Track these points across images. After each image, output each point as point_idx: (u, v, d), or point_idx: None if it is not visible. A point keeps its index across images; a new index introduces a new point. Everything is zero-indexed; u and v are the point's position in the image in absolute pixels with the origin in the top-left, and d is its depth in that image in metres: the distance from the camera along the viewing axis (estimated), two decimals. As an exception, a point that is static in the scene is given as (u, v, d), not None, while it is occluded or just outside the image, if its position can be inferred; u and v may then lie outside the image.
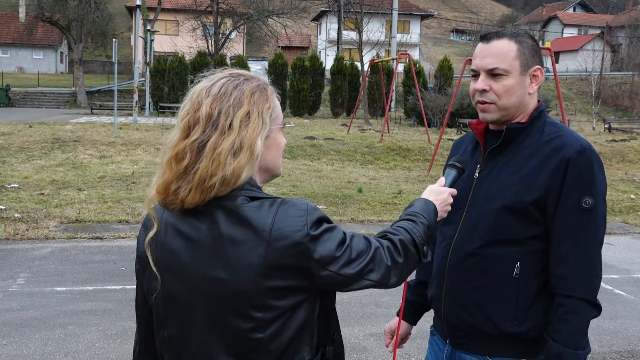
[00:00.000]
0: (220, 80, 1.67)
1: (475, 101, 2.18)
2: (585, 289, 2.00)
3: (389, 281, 1.67)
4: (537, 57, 2.14)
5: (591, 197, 2.00)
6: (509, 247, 2.07)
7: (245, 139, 1.59)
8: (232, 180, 1.57)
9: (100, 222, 9.80)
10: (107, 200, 11.24)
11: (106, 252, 8.25)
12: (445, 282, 2.21)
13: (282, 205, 1.58)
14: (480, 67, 2.12)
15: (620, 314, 6.56)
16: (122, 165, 15.07)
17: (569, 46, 64.85)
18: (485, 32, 2.24)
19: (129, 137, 19.79)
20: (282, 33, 46.37)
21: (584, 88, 48.41)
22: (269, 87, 1.72)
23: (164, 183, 1.62)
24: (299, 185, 13.69)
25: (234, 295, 1.57)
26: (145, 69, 34.18)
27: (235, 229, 1.56)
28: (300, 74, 36.40)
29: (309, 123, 30.42)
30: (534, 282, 2.07)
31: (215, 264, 1.58)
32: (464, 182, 2.20)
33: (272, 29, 43.60)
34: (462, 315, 2.16)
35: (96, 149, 17.27)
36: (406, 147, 20.25)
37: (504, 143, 2.15)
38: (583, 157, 2.02)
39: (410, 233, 1.75)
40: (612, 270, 8.26)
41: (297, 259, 1.55)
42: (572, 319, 1.99)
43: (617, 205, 13.21)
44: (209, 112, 1.60)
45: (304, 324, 1.62)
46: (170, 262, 1.65)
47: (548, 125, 2.15)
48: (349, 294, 6.72)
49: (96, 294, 6.58)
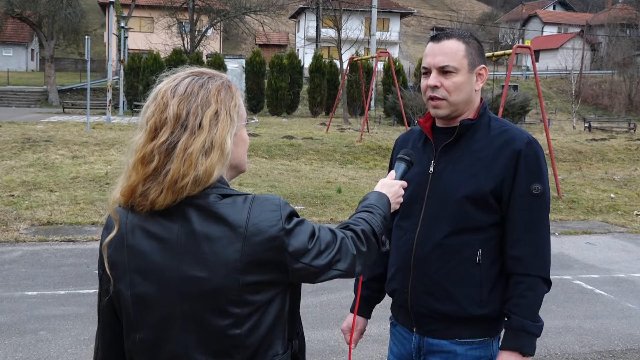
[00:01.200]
0: (184, 79, 1.68)
1: (426, 97, 2.34)
2: (540, 268, 2.25)
3: (355, 270, 1.74)
4: (482, 57, 2.35)
5: (539, 183, 2.25)
6: (471, 236, 2.26)
7: (216, 138, 1.61)
8: (204, 180, 1.59)
9: (72, 224, 9.70)
10: (80, 201, 11.13)
11: (79, 255, 8.16)
12: (411, 274, 2.36)
13: (255, 201, 1.62)
14: (432, 65, 2.29)
15: (600, 313, 6.63)
16: (95, 165, 14.94)
17: (549, 45, 65.51)
18: (435, 33, 2.41)
19: (102, 137, 19.62)
20: (260, 31, 46.26)
21: (564, 87, 48.97)
22: (232, 84, 1.74)
23: (129, 186, 1.63)
24: (277, 186, 13.67)
25: (212, 293, 1.59)
26: (119, 67, 33.96)
27: (210, 227, 1.59)
28: (278, 72, 36.38)
29: (287, 122, 30.41)
30: (493, 266, 2.29)
31: (190, 262, 1.60)
32: (419, 178, 2.36)
33: (249, 26, 43.47)
34: (431, 304, 2.32)
35: (68, 149, 17.10)
36: (386, 147, 20.31)
37: (456, 139, 2.32)
38: (531, 149, 2.25)
39: (369, 223, 1.83)
40: (592, 270, 8.35)
41: (273, 253, 1.59)
42: (530, 294, 2.22)
43: (597, 205, 13.35)
44: (177, 112, 1.61)
45: (277, 318, 1.67)
46: (140, 264, 1.64)
47: (493, 120, 2.36)
48: (328, 295, 6.72)
49: (68, 298, 6.51)
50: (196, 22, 41.74)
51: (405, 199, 2.31)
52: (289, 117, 35.75)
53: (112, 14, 35.56)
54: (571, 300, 7.01)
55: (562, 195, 13.98)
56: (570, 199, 13.83)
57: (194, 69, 1.74)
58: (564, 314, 6.55)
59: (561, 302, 6.90)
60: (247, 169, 1.82)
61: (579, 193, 14.75)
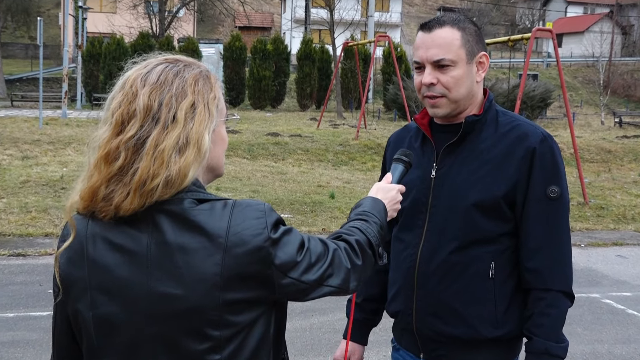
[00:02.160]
0: (157, 66, 1.68)
1: (422, 96, 2.34)
2: (561, 281, 2.26)
3: (350, 286, 1.73)
4: (481, 43, 2.34)
5: (557, 185, 2.26)
6: (481, 248, 2.28)
7: (192, 134, 1.61)
8: (177, 181, 1.58)
9: (22, 236, 9.67)
10: (31, 209, 11.10)
11: (30, 271, 8.14)
12: (415, 294, 2.37)
13: (236, 207, 1.62)
14: (426, 59, 2.29)
15: (633, 337, 6.67)
16: (49, 167, 14.89)
17: (573, 27, 65.85)
18: (425, 20, 2.41)
19: (57, 134, 19.56)
20: (240, 11, 46.25)
21: (590, 76, 49.23)
22: (212, 74, 1.75)
23: (90, 187, 1.61)
24: (261, 190, 13.67)
25: (187, 313, 1.58)
26: (77, 53, 33.87)
27: (184, 237, 1.58)
28: (261, 59, 36.35)
29: (272, 117, 30.41)
30: (509, 281, 2.30)
31: (162, 278, 1.59)
32: (420, 183, 2.37)
33: (227, 5, 43.45)
34: (439, 327, 2.33)
35: (17, 148, 17.03)
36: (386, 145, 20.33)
37: (460, 137, 2.33)
38: (546, 146, 2.26)
39: (364, 233, 1.83)
40: (624, 287, 8.40)
41: (257, 266, 1.59)
42: (553, 312, 2.23)
43: (630, 212, 13.43)
44: (148, 104, 1.61)
45: (261, 341, 1.66)
46: (103, 280, 1.63)
47: (501, 115, 2.38)
48: (319, 317, 6.73)
49: (18, 322, 6.49)
50: (166, 1, 41.68)
51: (405, 207, 2.33)
52: (274, 111, 35.75)
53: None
54: (600, 322, 7.05)
55: (589, 201, 14.05)
56: (598, 205, 13.90)
57: (168, 55, 1.74)
58: (592, 337, 6.59)
59: (588, 324, 6.93)
60: (225, 172, 1.82)
61: (608, 198, 14.83)
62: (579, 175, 14.39)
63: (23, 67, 47.90)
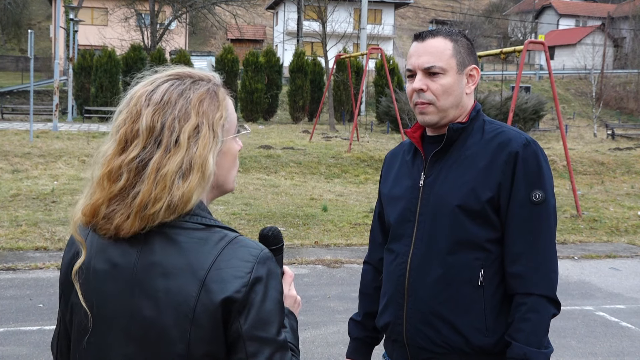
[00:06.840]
0: (163, 84, 1.64)
1: (413, 103, 2.41)
2: (544, 286, 2.27)
3: None
4: (472, 57, 2.42)
5: (540, 190, 2.29)
6: (471, 254, 2.31)
7: (195, 158, 1.57)
8: (179, 206, 1.55)
9: (12, 250, 9.62)
10: (22, 223, 11.06)
11: (20, 285, 8.10)
12: (406, 303, 2.39)
13: (231, 244, 1.56)
14: (417, 66, 2.37)
15: (627, 350, 6.68)
16: (40, 181, 14.86)
17: (565, 40, 66.23)
18: (419, 31, 2.49)
19: (48, 148, 19.53)
20: (232, 23, 46.36)
21: (583, 88, 49.45)
22: (220, 89, 1.69)
23: (92, 205, 1.59)
24: (253, 204, 13.66)
25: (156, 339, 1.54)
26: (68, 66, 33.84)
27: (170, 259, 1.54)
28: (253, 71, 36.44)
29: (265, 129, 30.44)
30: (499, 289, 2.33)
31: (140, 297, 1.55)
32: (410, 193, 2.41)
33: (219, 18, 43.55)
34: (429, 335, 2.35)
35: (8, 161, 16.99)
36: (379, 158, 20.39)
37: (446, 145, 2.38)
38: (529, 150, 2.30)
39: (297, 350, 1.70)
40: (617, 299, 8.41)
41: (226, 313, 1.51)
42: (533, 317, 2.24)
43: (623, 224, 13.47)
44: (150, 125, 1.58)
45: None
46: (91, 289, 1.61)
47: (487, 123, 2.43)
48: (312, 331, 6.72)
49: (7, 337, 6.45)
50: (158, 14, 41.76)
51: (396, 218, 2.38)
52: (266, 123, 35.79)
53: (60, 4, 35.46)
54: (593, 335, 7.05)
55: (582, 214, 14.09)
56: (591, 217, 13.94)
57: (178, 69, 1.70)
58: (585, 350, 6.59)
59: (582, 337, 6.94)
60: None
61: (601, 211, 14.88)
62: (572, 187, 14.44)
63: (14, 79, 47.82)
